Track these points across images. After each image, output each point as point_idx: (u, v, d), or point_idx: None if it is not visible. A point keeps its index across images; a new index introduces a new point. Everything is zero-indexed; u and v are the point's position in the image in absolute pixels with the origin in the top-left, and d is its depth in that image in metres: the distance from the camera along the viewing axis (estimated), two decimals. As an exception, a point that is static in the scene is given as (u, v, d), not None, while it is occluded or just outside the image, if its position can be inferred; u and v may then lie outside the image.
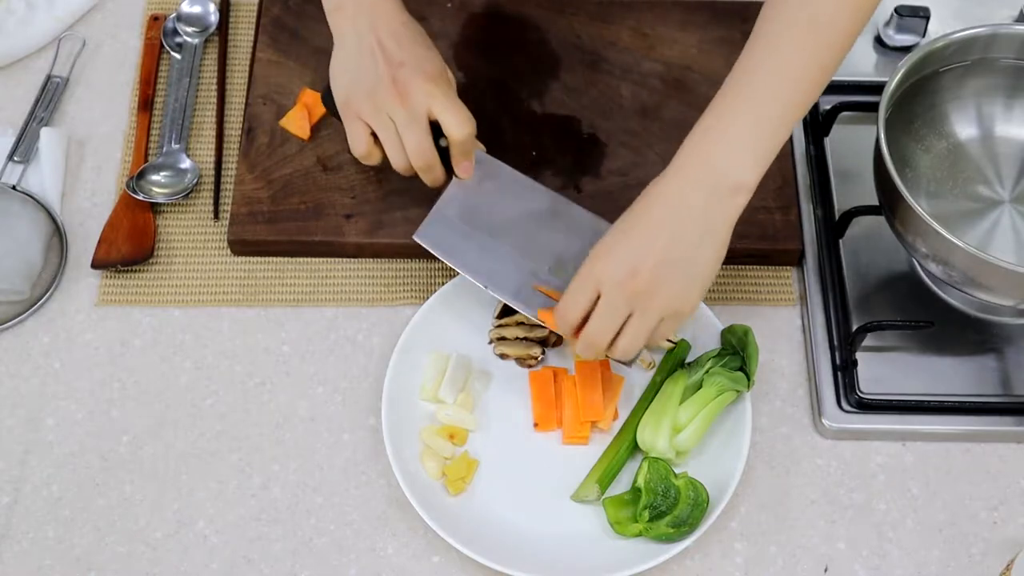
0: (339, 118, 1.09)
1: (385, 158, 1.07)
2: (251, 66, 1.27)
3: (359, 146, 1.06)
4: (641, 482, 1.02)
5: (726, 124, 0.94)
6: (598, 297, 0.97)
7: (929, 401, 1.10)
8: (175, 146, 1.24)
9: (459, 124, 1.04)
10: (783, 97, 0.94)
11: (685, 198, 0.94)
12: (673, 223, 0.94)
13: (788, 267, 1.19)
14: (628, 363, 1.03)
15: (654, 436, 1.05)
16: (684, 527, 1.01)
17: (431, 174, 1.07)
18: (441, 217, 1.09)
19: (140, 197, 1.20)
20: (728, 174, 0.93)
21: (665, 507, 1.01)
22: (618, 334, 0.98)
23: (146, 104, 1.27)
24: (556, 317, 1.00)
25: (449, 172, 1.09)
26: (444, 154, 1.07)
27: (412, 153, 1.05)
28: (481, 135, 1.16)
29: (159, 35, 1.31)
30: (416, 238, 1.09)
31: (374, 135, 1.06)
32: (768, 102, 0.94)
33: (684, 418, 1.05)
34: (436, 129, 1.05)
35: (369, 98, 1.04)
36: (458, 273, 1.13)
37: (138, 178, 1.21)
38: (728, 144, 0.94)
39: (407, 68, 1.03)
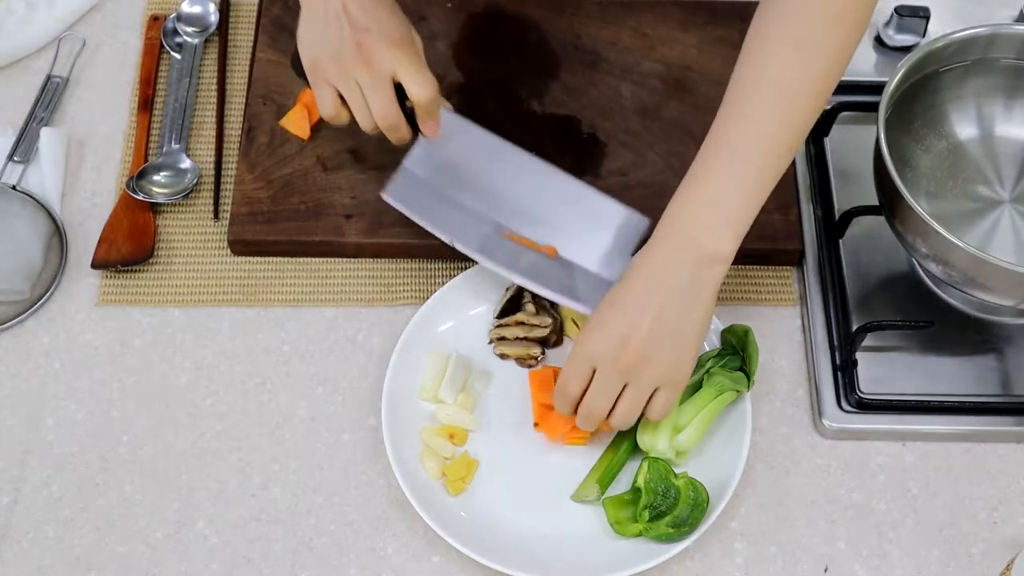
0: (307, 81, 1.11)
1: (353, 119, 1.09)
2: (251, 66, 1.27)
3: (326, 108, 1.09)
4: (641, 482, 1.02)
5: (703, 197, 0.97)
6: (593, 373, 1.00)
7: (929, 401, 1.10)
8: (175, 146, 1.24)
9: (422, 88, 1.06)
10: (757, 165, 0.96)
11: (667, 271, 0.97)
12: (657, 297, 0.96)
13: (788, 267, 1.19)
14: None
15: (654, 436, 1.05)
16: (684, 527, 1.01)
17: (397, 134, 1.09)
18: (408, 175, 1.12)
19: (140, 197, 1.20)
20: (706, 246, 0.96)
21: (665, 507, 1.01)
22: (615, 404, 1.00)
23: (146, 104, 1.27)
24: (555, 396, 1.03)
25: (416, 131, 1.10)
26: (411, 114, 1.08)
27: (377, 116, 1.07)
28: (481, 135, 1.16)
29: (159, 35, 1.31)
30: (384, 196, 1.12)
31: (342, 97, 1.08)
32: (742, 172, 0.96)
33: (684, 418, 1.05)
34: (402, 90, 1.07)
35: (335, 62, 1.06)
36: (458, 273, 1.14)
37: (138, 178, 1.21)
38: (705, 217, 0.96)
39: (372, 33, 1.05)
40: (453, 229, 1.10)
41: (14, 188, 1.20)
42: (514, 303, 1.13)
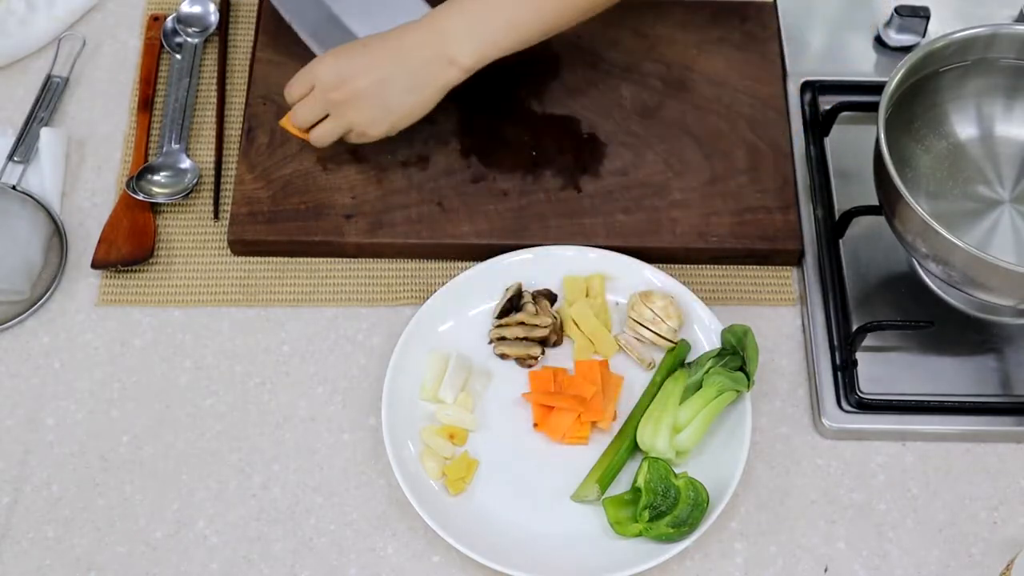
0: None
1: None
2: (251, 66, 1.27)
3: None
4: (641, 482, 1.02)
5: (465, 16, 1.11)
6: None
7: (929, 401, 1.10)
8: (175, 146, 1.24)
9: None
10: (521, 7, 1.11)
11: (411, 52, 1.11)
12: (393, 66, 1.11)
13: (788, 267, 1.19)
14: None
15: (654, 436, 1.05)
16: (684, 527, 1.01)
17: None
18: None
19: (140, 197, 1.20)
20: (450, 50, 1.10)
21: (665, 507, 1.01)
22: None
23: (146, 104, 1.27)
24: (285, 91, 1.16)
25: None
26: None
27: None
28: (481, 135, 1.15)
29: (159, 35, 1.31)
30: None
31: None
32: (506, 5, 1.11)
33: (684, 418, 1.05)
34: None
35: None
36: (458, 273, 1.14)
37: (138, 178, 1.21)
38: (460, 26, 1.10)
39: None
40: (294, 10, 1.24)
41: (14, 188, 1.20)
42: (514, 303, 1.13)
